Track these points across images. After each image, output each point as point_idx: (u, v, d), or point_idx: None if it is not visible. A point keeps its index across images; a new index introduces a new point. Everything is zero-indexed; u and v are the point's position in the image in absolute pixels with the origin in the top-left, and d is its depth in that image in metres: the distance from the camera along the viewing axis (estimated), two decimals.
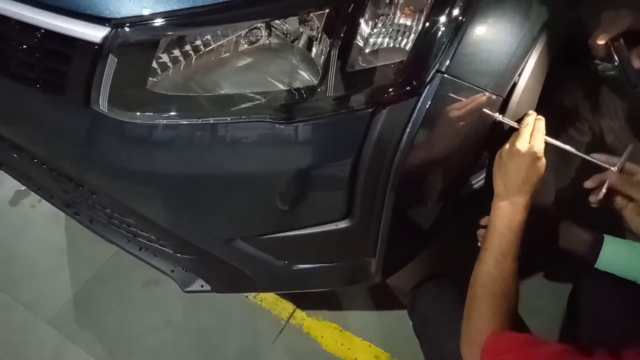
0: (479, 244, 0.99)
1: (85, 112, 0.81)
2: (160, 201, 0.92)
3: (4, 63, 0.86)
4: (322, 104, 0.79)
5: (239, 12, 0.77)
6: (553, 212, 1.19)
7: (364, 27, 0.78)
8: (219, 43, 0.83)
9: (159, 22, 0.76)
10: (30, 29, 0.79)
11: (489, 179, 0.86)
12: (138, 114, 0.81)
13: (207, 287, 1.13)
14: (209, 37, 0.82)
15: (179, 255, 1.06)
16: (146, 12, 0.76)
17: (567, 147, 0.82)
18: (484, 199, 0.99)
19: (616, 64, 0.83)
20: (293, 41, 0.85)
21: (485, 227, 0.96)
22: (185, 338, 1.35)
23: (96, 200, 1.05)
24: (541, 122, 0.83)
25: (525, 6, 0.83)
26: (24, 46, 0.82)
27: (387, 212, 0.88)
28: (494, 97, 0.82)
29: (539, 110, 0.88)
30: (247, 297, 1.41)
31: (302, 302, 1.38)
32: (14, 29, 0.81)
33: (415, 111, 0.78)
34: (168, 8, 0.75)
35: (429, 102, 0.78)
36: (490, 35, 0.80)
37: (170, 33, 0.79)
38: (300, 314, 1.37)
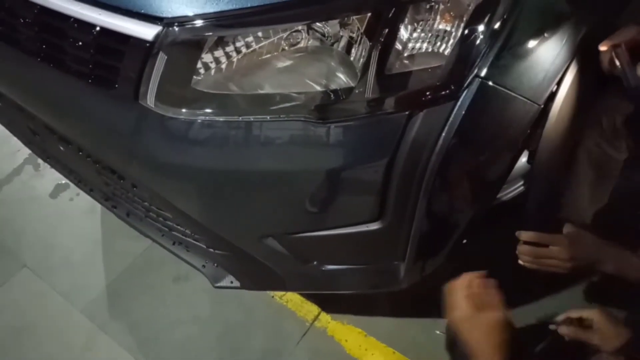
0: (520, 262, 0.97)
1: (133, 107, 0.85)
2: (197, 196, 0.95)
3: (60, 58, 0.91)
4: (359, 106, 0.81)
5: (282, 14, 0.80)
6: (591, 231, 1.16)
7: (403, 32, 0.80)
8: (260, 44, 0.86)
9: (206, 22, 0.79)
10: (87, 26, 0.84)
11: (532, 185, 0.84)
12: (182, 110, 0.84)
13: (237, 284, 1.15)
14: (250, 38, 0.85)
15: (211, 250, 1.09)
16: (195, 12, 0.79)
17: None
18: (523, 209, 0.97)
19: (618, 68, 0.85)
20: (332, 44, 0.87)
21: (526, 242, 0.94)
22: (211, 333, 1.37)
23: (136, 193, 1.09)
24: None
25: (566, 16, 0.83)
26: (80, 43, 0.86)
27: (419, 216, 0.88)
28: (531, 104, 0.82)
29: (577, 123, 0.87)
30: (273, 297, 1.43)
31: (328, 305, 1.39)
32: (72, 26, 0.86)
33: (452, 115, 0.79)
34: (217, 9, 0.78)
35: (466, 107, 0.78)
36: (530, 43, 0.80)
37: (215, 33, 0.82)
38: (325, 317, 1.37)
